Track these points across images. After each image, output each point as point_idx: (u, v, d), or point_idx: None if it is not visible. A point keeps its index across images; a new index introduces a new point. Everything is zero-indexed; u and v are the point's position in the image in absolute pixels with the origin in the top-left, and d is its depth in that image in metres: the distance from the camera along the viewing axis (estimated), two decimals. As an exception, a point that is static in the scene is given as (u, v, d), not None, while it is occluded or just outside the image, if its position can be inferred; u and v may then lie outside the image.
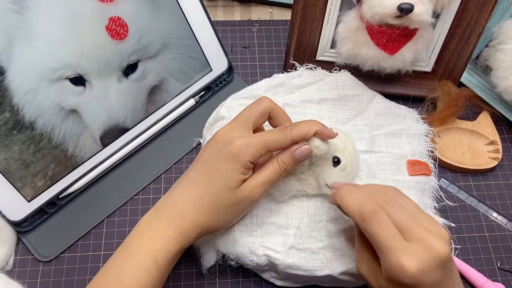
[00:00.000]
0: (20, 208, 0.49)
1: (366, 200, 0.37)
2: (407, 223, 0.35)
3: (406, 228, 0.35)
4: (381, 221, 0.36)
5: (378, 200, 0.37)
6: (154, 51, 0.53)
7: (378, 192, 0.39)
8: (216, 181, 0.41)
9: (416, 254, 0.34)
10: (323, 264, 0.45)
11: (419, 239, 0.34)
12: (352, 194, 0.39)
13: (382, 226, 0.35)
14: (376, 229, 0.35)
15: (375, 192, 0.39)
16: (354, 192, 0.39)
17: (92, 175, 0.53)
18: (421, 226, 0.35)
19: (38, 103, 0.47)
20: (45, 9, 0.46)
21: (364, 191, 0.39)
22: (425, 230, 0.35)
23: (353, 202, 0.38)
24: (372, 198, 0.38)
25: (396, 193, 0.40)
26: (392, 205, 0.37)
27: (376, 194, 0.38)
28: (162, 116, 0.57)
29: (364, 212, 0.37)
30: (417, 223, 0.36)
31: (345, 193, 0.39)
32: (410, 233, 0.35)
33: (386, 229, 0.35)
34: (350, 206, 0.38)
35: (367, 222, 0.36)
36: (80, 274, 0.49)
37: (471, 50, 0.56)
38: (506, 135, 0.59)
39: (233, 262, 0.47)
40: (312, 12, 0.55)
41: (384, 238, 0.35)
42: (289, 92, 0.56)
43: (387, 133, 0.53)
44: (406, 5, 0.47)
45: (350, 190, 0.40)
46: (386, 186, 0.41)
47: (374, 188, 0.40)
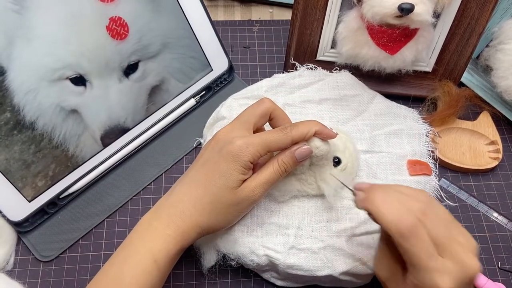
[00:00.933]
0: (20, 208, 0.49)
1: (404, 212, 0.35)
2: (444, 237, 0.34)
3: (442, 243, 0.34)
4: (420, 239, 0.34)
5: (415, 211, 0.35)
6: (154, 51, 0.53)
7: (413, 200, 0.36)
8: (216, 181, 0.41)
9: (450, 273, 0.33)
10: (323, 264, 0.45)
11: (453, 255, 0.34)
12: (388, 203, 0.36)
13: (421, 244, 0.34)
14: (415, 248, 0.34)
15: (409, 200, 0.36)
16: (389, 201, 0.36)
17: (92, 175, 0.53)
18: (455, 240, 0.35)
19: (39, 103, 0.47)
20: (46, 9, 0.46)
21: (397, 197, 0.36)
22: (459, 244, 0.34)
23: (389, 214, 0.35)
24: (409, 209, 0.35)
25: (430, 200, 0.37)
26: (429, 217, 0.35)
27: (411, 202, 0.36)
28: (162, 116, 0.57)
29: (403, 228, 0.34)
30: (452, 237, 0.35)
31: (379, 201, 0.36)
32: (445, 248, 0.34)
33: (424, 247, 0.34)
34: (386, 218, 0.35)
35: (406, 239, 0.34)
36: (81, 274, 0.50)
37: (471, 50, 0.56)
38: (506, 135, 0.59)
39: (233, 262, 0.47)
40: (312, 12, 0.55)
41: (422, 257, 0.34)
42: (290, 92, 0.56)
43: (387, 133, 0.53)
44: (407, 5, 0.47)
45: (384, 197, 0.36)
46: (417, 191, 0.38)
47: (407, 193, 0.37)
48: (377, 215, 0.36)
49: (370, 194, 0.37)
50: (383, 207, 0.35)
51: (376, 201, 0.36)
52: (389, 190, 0.38)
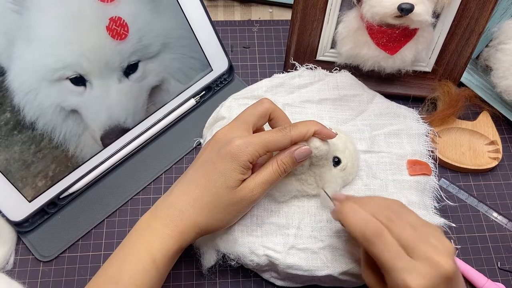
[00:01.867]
0: (21, 209, 0.49)
1: (368, 219, 0.37)
2: (412, 240, 0.35)
3: (411, 246, 0.35)
4: (384, 242, 0.35)
5: (381, 218, 0.37)
6: (154, 51, 0.53)
7: (382, 208, 0.38)
8: (215, 181, 0.41)
9: (422, 273, 0.34)
10: (323, 264, 0.45)
11: (424, 257, 0.34)
12: (354, 214, 0.38)
13: (386, 247, 0.35)
14: (380, 251, 0.35)
15: (378, 208, 0.38)
16: (356, 211, 0.38)
17: (92, 175, 0.53)
18: (426, 243, 0.35)
19: (39, 103, 0.47)
20: (46, 9, 0.46)
21: (367, 207, 0.38)
22: (430, 246, 0.35)
23: (355, 223, 0.37)
24: (375, 217, 0.37)
25: (400, 207, 0.39)
26: (397, 222, 0.36)
27: (380, 210, 0.38)
28: (162, 116, 0.57)
29: (367, 233, 0.36)
30: (422, 240, 0.35)
31: (347, 212, 0.38)
32: (415, 250, 0.35)
33: (390, 249, 0.35)
34: (352, 227, 0.38)
35: (371, 244, 0.36)
36: (80, 274, 0.50)
37: (471, 50, 0.56)
38: (506, 135, 0.59)
39: (233, 262, 0.47)
40: (312, 12, 0.55)
41: (388, 258, 0.35)
42: (289, 92, 0.56)
43: (387, 133, 0.53)
44: (406, 5, 0.47)
45: (352, 208, 0.38)
46: (390, 200, 0.40)
47: (377, 203, 0.39)
48: (346, 225, 0.38)
49: (342, 205, 0.39)
50: (351, 216, 0.38)
51: (345, 211, 0.39)
52: (361, 201, 0.40)
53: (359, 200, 0.40)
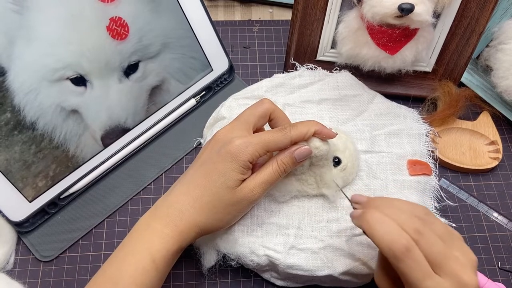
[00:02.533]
0: (21, 209, 0.49)
1: (398, 233, 0.34)
2: (440, 256, 0.34)
3: (438, 261, 0.34)
4: (414, 260, 0.34)
5: (410, 230, 0.35)
6: (154, 51, 0.53)
7: (409, 217, 0.36)
8: (215, 181, 0.41)
9: None
10: (323, 264, 0.45)
11: (451, 274, 0.34)
12: (381, 225, 0.35)
13: (415, 264, 0.34)
14: (408, 268, 0.34)
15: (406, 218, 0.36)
16: (383, 223, 0.35)
17: (93, 175, 0.53)
18: (452, 258, 0.34)
19: (39, 103, 0.47)
20: (46, 10, 0.46)
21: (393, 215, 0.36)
22: (456, 262, 0.34)
23: (383, 235, 0.35)
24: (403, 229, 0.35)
25: (427, 215, 0.37)
26: (426, 235, 0.35)
27: (408, 221, 0.36)
28: (163, 116, 0.57)
29: (397, 250, 0.34)
30: (449, 254, 0.35)
31: (374, 222, 0.36)
32: (441, 266, 0.34)
33: (419, 268, 0.34)
34: (380, 239, 0.35)
35: (400, 261, 0.34)
36: (81, 274, 0.50)
37: (471, 50, 0.56)
38: (506, 135, 0.59)
39: (233, 262, 0.47)
40: (312, 12, 0.55)
41: (417, 278, 0.34)
42: (290, 92, 0.56)
43: (387, 133, 0.53)
44: (407, 5, 0.47)
45: (379, 218, 0.36)
46: (415, 206, 0.38)
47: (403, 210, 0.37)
48: (371, 237, 0.36)
49: (366, 212, 0.37)
50: (377, 229, 0.35)
51: (371, 221, 0.36)
52: (385, 207, 0.37)
53: (382, 205, 0.38)
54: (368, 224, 0.36)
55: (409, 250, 0.34)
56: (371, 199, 0.40)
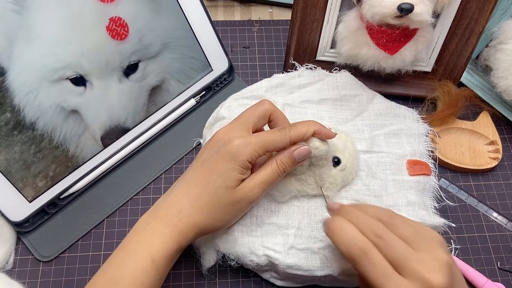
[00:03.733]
0: (21, 209, 0.49)
1: (355, 238, 0.36)
2: (402, 257, 0.34)
3: (401, 263, 0.34)
4: (370, 261, 0.35)
5: (370, 234, 0.36)
6: (154, 51, 0.53)
7: (371, 221, 0.37)
8: (214, 180, 0.41)
9: None
10: (323, 264, 0.45)
11: (414, 275, 0.33)
12: (341, 231, 0.37)
13: (372, 266, 0.34)
14: (366, 270, 0.35)
15: (368, 222, 0.37)
16: (343, 229, 0.37)
17: (93, 175, 0.53)
18: (417, 259, 0.34)
19: (39, 103, 0.48)
20: (46, 9, 0.46)
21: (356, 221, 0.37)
22: (421, 263, 0.34)
23: (341, 241, 0.37)
24: (363, 232, 0.36)
25: (392, 219, 0.38)
26: (386, 238, 0.36)
27: (369, 224, 0.37)
28: (162, 116, 0.57)
29: (352, 253, 0.35)
30: (413, 256, 0.34)
31: (334, 228, 0.38)
32: (405, 268, 0.34)
33: (376, 269, 0.34)
34: (338, 245, 0.37)
35: (358, 264, 0.35)
36: (80, 274, 0.50)
37: (471, 50, 0.56)
38: (506, 135, 0.59)
39: (233, 262, 0.47)
40: (312, 12, 0.55)
41: (375, 278, 0.34)
42: (289, 92, 0.56)
43: (387, 133, 0.53)
44: (406, 5, 0.47)
45: (339, 224, 0.37)
46: (381, 210, 0.39)
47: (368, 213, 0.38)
48: (332, 241, 0.38)
49: (330, 221, 0.38)
50: (337, 234, 0.37)
51: (331, 227, 0.38)
52: (351, 213, 0.38)
53: (350, 212, 0.39)
54: (330, 231, 0.38)
55: (365, 253, 0.35)
56: (342, 206, 0.41)
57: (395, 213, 0.39)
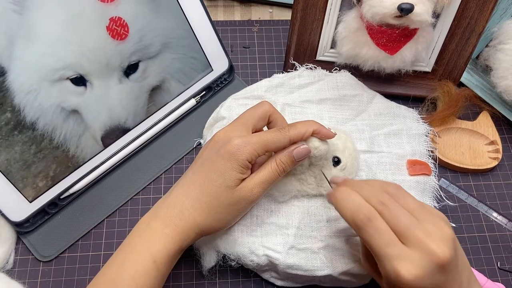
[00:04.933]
0: (21, 209, 0.49)
1: (360, 204, 0.36)
2: (406, 226, 0.34)
3: (404, 232, 0.34)
4: (375, 227, 0.35)
5: (374, 202, 0.36)
6: (155, 51, 0.53)
7: (377, 191, 0.37)
8: (214, 180, 0.41)
9: (413, 261, 0.33)
10: (323, 264, 0.45)
11: (418, 244, 0.33)
12: (347, 198, 0.37)
13: (377, 233, 0.34)
14: (370, 237, 0.35)
15: (373, 192, 0.37)
16: (349, 195, 0.37)
17: (93, 175, 0.53)
18: (421, 229, 0.34)
19: (39, 103, 0.48)
20: (46, 9, 0.46)
21: (362, 191, 0.37)
22: (425, 233, 0.34)
23: (346, 208, 0.37)
24: (368, 201, 0.36)
25: (397, 190, 0.38)
26: (391, 206, 0.36)
27: (374, 194, 0.37)
28: (163, 117, 0.57)
29: (357, 219, 0.35)
30: (417, 225, 0.34)
31: (340, 196, 0.38)
32: (408, 237, 0.34)
33: (380, 236, 0.34)
34: (343, 212, 0.37)
35: (361, 230, 0.35)
36: (80, 274, 0.50)
37: (471, 50, 0.56)
38: (506, 135, 0.60)
39: (233, 263, 0.47)
40: (312, 12, 0.55)
41: (379, 245, 0.34)
42: (289, 92, 0.56)
43: (387, 133, 0.53)
44: (406, 5, 0.47)
45: (345, 192, 0.38)
46: (387, 183, 0.40)
47: (374, 185, 0.39)
48: (337, 209, 0.38)
49: (336, 189, 0.39)
50: (342, 202, 0.37)
51: (338, 195, 0.38)
52: (357, 185, 0.39)
53: (356, 183, 0.40)
54: (335, 198, 0.38)
55: (370, 219, 0.35)
56: (347, 180, 0.41)
57: (402, 187, 0.39)
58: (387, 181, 0.40)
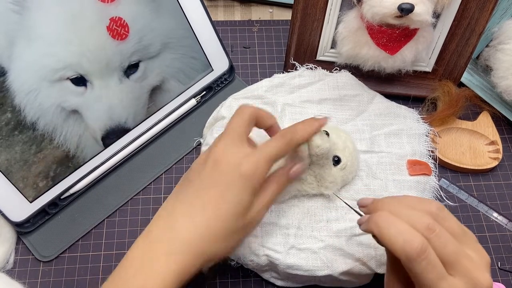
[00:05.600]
0: (22, 209, 0.50)
1: (411, 234, 0.33)
2: (453, 254, 0.33)
3: (452, 261, 0.33)
4: (428, 260, 0.32)
5: (422, 228, 0.33)
6: (155, 51, 0.53)
7: (421, 214, 0.34)
8: (226, 207, 0.38)
9: None
10: (323, 264, 0.45)
11: (465, 274, 0.32)
12: (393, 226, 0.33)
13: (430, 266, 0.32)
14: (423, 270, 0.32)
15: (418, 215, 0.34)
16: (395, 223, 0.34)
17: (93, 175, 0.53)
18: (466, 257, 0.33)
19: (40, 103, 0.48)
20: (46, 10, 0.46)
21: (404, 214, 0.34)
22: (470, 261, 0.33)
23: (395, 238, 0.33)
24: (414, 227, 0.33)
25: (441, 211, 0.35)
26: (438, 233, 0.33)
27: (420, 218, 0.34)
28: (163, 117, 0.57)
29: (410, 251, 0.32)
30: (462, 253, 0.33)
31: (384, 224, 0.34)
32: (455, 266, 0.33)
33: (433, 269, 0.32)
34: (392, 241, 0.33)
35: (413, 262, 0.32)
36: (80, 274, 0.50)
37: (471, 50, 0.56)
38: (506, 135, 0.60)
39: (233, 262, 0.47)
40: (312, 12, 0.55)
41: (432, 279, 0.32)
42: (290, 92, 0.56)
43: (387, 133, 0.53)
44: (407, 5, 0.47)
45: (389, 219, 0.34)
46: (427, 202, 0.36)
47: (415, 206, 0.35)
48: (382, 239, 0.34)
49: (373, 215, 0.35)
50: (388, 230, 0.34)
51: (380, 222, 0.34)
52: (395, 206, 0.36)
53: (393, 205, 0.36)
54: (377, 226, 0.34)
55: (423, 251, 0.32)
56: (377, 200, 0.38)
57: (442, 205, 0.36)
58: (425, 199, 0.37)
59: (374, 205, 0.38)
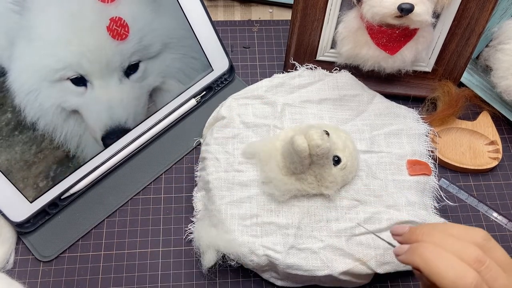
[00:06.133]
0: (22, 209, 0.50)
1: (463, 269, 0.31)
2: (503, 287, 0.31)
3: None
4: None
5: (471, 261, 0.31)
6: (155, 51, 0.53)
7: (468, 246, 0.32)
8: None
9: None
10: (323, 264, 0.45)
11: None
12: (443, 260, 0.31)
13: None
14: None
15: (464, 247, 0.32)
16: (443, 256, 0.31)
17: (93, 175, 0.53)
18: None
19: (40, 103, 0.48)
20: (46, 10, 0.46)
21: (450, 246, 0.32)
22: None
23: (446, 272, 0.31)
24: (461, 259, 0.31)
25: (487, 241, 0.33)
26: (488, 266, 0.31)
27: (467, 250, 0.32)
28: (163, 117, 0.57)
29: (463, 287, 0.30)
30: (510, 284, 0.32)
31: (431, 257, 0.32)
32: None
33: None
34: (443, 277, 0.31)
35: None
36: (80, 274, 0.50)
37: (471, 50, 0.56)
38: (506, 135, 0.60)
39: (233, 262, 0.47)
40: (312, 12, 0.55)
41: None
42: (289, 92, 0.56)
43: (387, 133, 0.53)
44: (406, 5, 0.47)
45: (436, 253, 0.32)
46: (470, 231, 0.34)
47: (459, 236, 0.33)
48: (431, 274, 0.32)
49: (417, 247, 0.33)
50: (438, 264, 0.31)
51: (427, 256, 0.32)
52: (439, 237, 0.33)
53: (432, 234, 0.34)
54: (422, 259, 0.32)
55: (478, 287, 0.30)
56: (414, 229, 0.35)
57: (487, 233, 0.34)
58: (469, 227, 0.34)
59: (411, 234, 0.35)
